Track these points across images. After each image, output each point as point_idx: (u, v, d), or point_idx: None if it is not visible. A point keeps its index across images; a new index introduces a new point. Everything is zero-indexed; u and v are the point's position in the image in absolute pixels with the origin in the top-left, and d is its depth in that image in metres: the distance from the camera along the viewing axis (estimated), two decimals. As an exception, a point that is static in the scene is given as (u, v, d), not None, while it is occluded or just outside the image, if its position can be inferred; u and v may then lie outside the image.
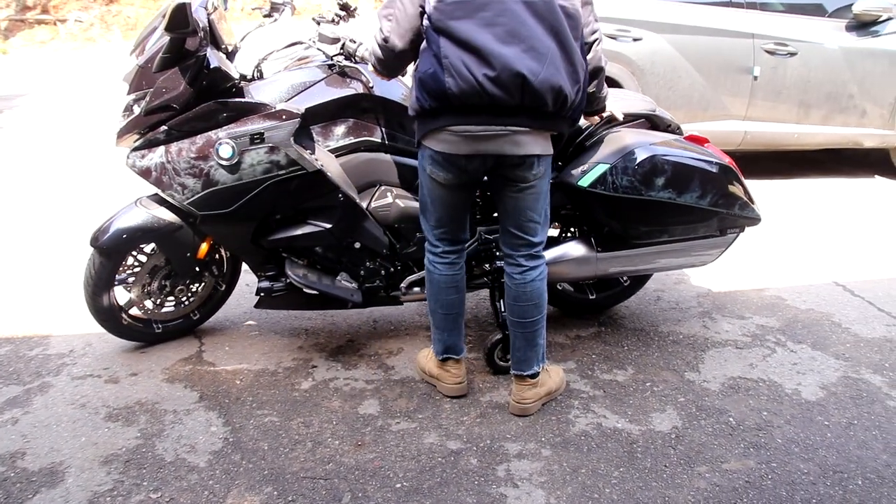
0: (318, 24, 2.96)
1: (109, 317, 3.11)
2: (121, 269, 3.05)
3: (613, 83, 5.10)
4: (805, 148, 5.84)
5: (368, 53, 2.58)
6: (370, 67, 2.65)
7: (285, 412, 2.78)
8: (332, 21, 3.01)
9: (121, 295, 3.15)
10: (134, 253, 3.07)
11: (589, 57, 2.49)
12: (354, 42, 2.80)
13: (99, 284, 3.01)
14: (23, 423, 2.73)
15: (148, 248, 3.09)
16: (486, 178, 2.56)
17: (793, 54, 5.35)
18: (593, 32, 2.51)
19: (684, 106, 5.33)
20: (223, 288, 3.29)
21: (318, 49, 2.93)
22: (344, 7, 3.08)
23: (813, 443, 2.57)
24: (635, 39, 5.22)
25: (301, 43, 3.02)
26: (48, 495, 2.35)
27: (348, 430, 2.68)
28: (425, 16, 2.33)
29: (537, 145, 2.42)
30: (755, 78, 5.38)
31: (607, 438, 2.62)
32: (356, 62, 2.84)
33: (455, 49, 2.26)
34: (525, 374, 2.72)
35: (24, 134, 7.73)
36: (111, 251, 2.97)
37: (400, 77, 3.07)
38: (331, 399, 2.87)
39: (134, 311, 3.19)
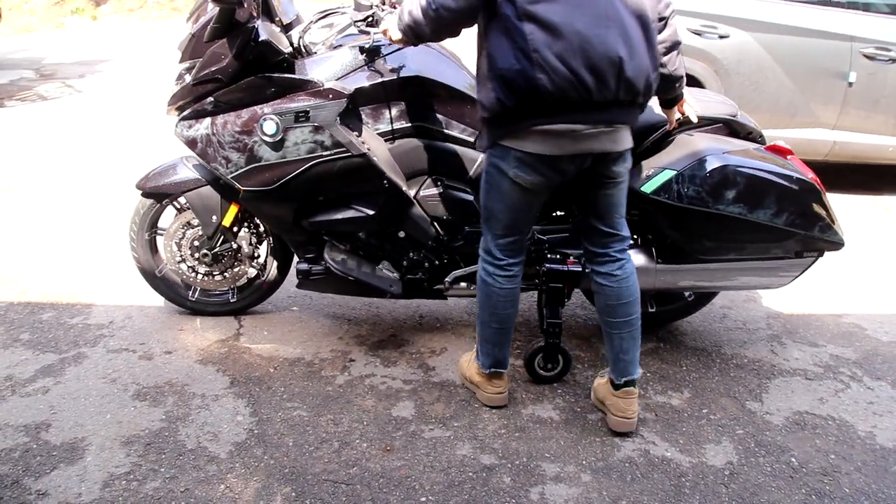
0: None
1: (146, 262, 3.16)
2: (160, 218, 3.15)
3: (696, 82, 4.81)
4: (900, 163, 5.42)
5: (401, 14, 2.26)
6: (385, 34, 2.43)
7: (315, 407, 2.66)
8: None
9: (161, 249, 3.17)
10: (173, 205, 3.11)
11: (667, 33, 2.31)
12: (384, 10, 2.62)
13: (139, 226, 3.11)
14: (53, 394, 2.69)
15: (184, 203, 3.08)
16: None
17: (895, 60, 4.95)
18: (668, 5, 2.31)
19: (770, 110, 4.99)
20: (265, 277, 3.20)
21: (349, 16, 2.77)
22: None
23: (886, 497, 2.31)
24: (721, 37, 4.90)
25: (336, 12, 2.87)
26: (65, 472, 2.29)
27: (378, 432, 2.54)
28: (501, 2, 2.08)
29: (629, 139, 2.32)
30: (850, 84, 4.99)
31: (654, 468, 2.41)
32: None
33: (546, 37, 2.04)
34: (635, 377, 2.50)
35: (101, 99, 7.84)
36: (149, 195, 3.06)
37: (464, 64, 2.91)
38: (364, 397, 2.74)
39: (169, 269, 3.17)
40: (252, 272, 3.20)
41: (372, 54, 2.69)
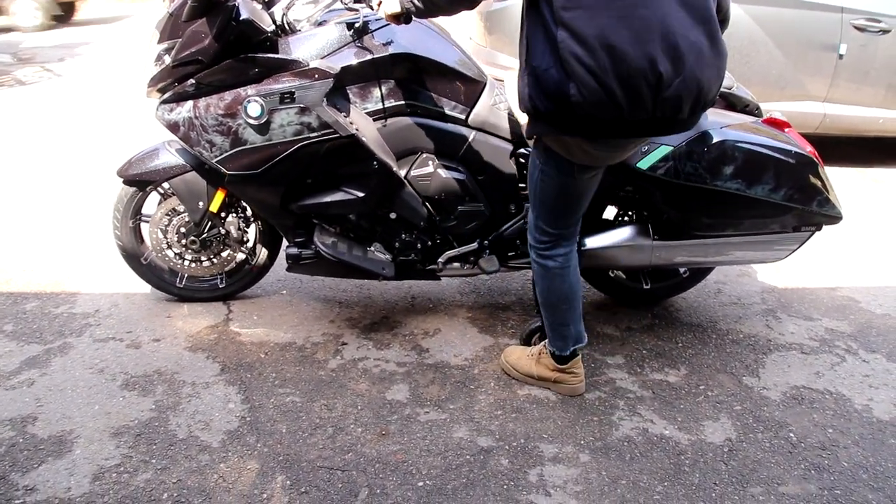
0: None
1: (131, 251, 3.09)
2: (144, 204, 3.06)
3: (684, 55, 4.75)
4: (890, 135, 5.40)
5: None
6: (378, 7, 2.38)
7: (308, 392, 2.62)
8: None
9: (147, 236, 3.10)
10: (157, 191, 3.03)
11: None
12: None
13: (123, 214, 3.03)
14: (38, 386, 2.63)
15: (169, 189, 3.01)
16: None
17: (885, 31, 4.90)
18: None
19: (760, 83, 4.95)
20: (254, 262, 3.15)
21: None
22: None
23: (884, 470, 2.30)
24: (711, 9, 4.85)
25: None
26: (53, 466, 2.24)
27: (373, 416, 2.50)
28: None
29: None
30: (840, 56, 4.95)
31: (653, 447, 2.39)
32: (373, 9, 2.58)
33: (576, 49, 1.86)
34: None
35: (81, 83, 7.71)
36: (132, 182, 2.97)
37: (455, 40, 2.84)
38: (358, 381, 2.70)
39: (155, 257, 3.11)
40: (241, 257, 3.14)
41: (360, 32, 2.62)
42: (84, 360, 2.78)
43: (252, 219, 3.07)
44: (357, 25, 2.60)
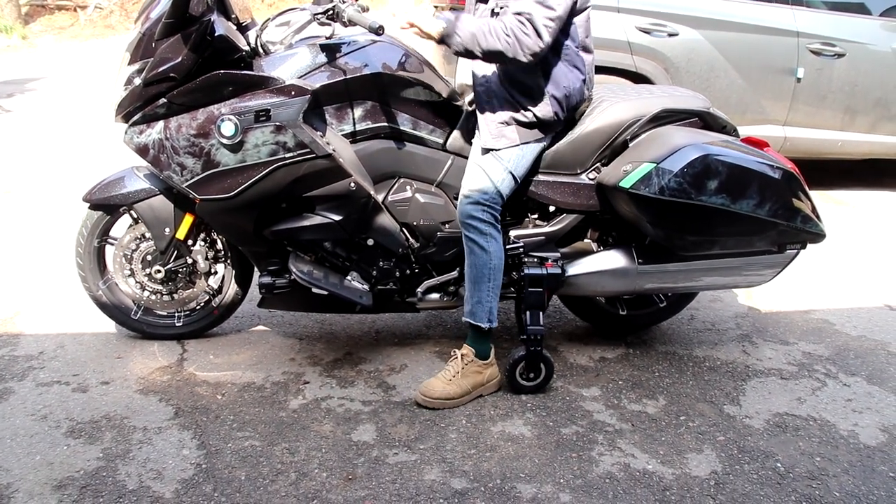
0: None
1: (90, 271, 2.92)
2: (112, 227, 2.94)
3: (646, 81, 4.73)
4: (848, 157, 5.44)
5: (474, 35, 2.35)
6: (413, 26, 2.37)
7: (269, 435, 2.45)
8: None
9: (110, 260, 2.95)
10: (126, 217, 2.91)
11: None
12: (345, 2, 2.46)
13: (89, 233, 2.89)
14: (-26, 437, 2.42)
15: (135, 214, 2.87)
16: None
17: (840, 55, 4.95)
18: None
19: (721, 107, 4.77)
20: (216, 305, 3.00)
21: (309, 11, 2.61)
22: None
23: (877, 499, 2.21)
24: (671, 35, 4.83)
25: (296, 8, 2.69)
26: (-12, 526, 2.04)
27: (339, 459, 2.34)
28: (568, 36, 2.50)
29: None
30: (798, 80, 4.97)
31: (636, 482, 2.26)
32: (345, 25, 2.48)
33: (592, 64, 2.64)
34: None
35: (32, 118, 7.47)
36: (98, 207, 2.85)
37: (430, 62, 2.75)
38: (321, 422, 2.54)
39: (115, 282, 2.95)
40: (204, 297, 2.99)
41: (334, 51, 2.53)
42: (26, 407, 2.58)
43: (221, 256, 2.93)
44: (329, 42, 2.51)
